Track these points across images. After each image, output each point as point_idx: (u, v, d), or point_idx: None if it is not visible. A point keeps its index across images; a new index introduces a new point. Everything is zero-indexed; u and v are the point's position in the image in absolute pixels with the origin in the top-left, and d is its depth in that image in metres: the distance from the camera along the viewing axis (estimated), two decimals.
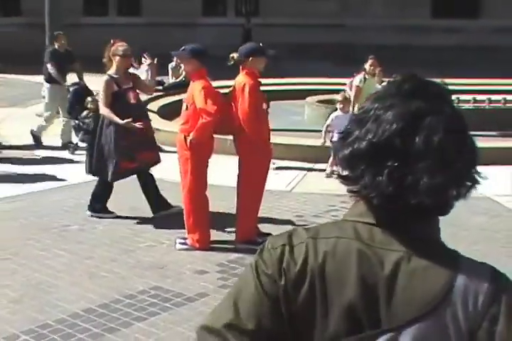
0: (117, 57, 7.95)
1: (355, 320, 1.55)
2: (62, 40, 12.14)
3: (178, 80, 16.40)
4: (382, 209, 1.57)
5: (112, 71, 8.00)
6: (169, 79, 17.08)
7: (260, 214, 7.50)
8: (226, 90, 7.97)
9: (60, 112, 12.05)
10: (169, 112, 13.18)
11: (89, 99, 11.67)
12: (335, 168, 9.06)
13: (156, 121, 11.63)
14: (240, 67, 7.31)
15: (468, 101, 13.08)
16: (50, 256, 6.95)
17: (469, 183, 1.55)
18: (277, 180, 9.15)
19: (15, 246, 7.23)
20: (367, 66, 10.94)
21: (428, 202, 1.50)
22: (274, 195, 8.66)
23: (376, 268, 1.55)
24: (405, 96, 1.57)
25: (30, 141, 12.18)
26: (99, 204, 8.10)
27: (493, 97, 13.72)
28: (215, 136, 7.42)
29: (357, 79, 10.84)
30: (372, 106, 1.59)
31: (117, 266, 6.72)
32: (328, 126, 10.31)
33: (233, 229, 7.40)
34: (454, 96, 1.71)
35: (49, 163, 11.10)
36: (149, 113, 11.77)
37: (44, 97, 12.36)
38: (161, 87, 16.18)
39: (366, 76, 10.77)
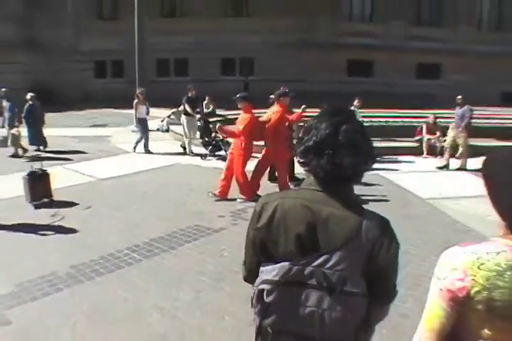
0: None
1: (303, 246, 1.56)
2: (192, 90, 11.57)
3: (208, 111, 16.25)
4: (323, 180, 1.59)
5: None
6: (203, 110, 16.79)
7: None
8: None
9: (190, 133, 11.32)
10: None
11: (210, 125, 11.14)
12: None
13: None
14: (275, 102, 7.51)
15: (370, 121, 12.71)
16: (137, 208, 6.88)
17: (372, 162, 1.61)
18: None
19: (117, 202, 7.17)
20: (355, 102, 10.81)
21: (349, 174, 1.55)
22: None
23: (316, 216, 1.56)
24: (332, 114, 1.63)
25: (131, 146, 11.74)
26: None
27: (381, 120, 13.63)
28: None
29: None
30: (314, 122, 1.63)
31: (175, 213, 6.67)
32: None
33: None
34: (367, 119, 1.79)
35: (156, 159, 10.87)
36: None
37: (182, 124, 11.57)
38: (199, 115, 16.02)
39: (354, 108, 10.57)
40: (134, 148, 11.33)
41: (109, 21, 22.87)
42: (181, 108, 11.84)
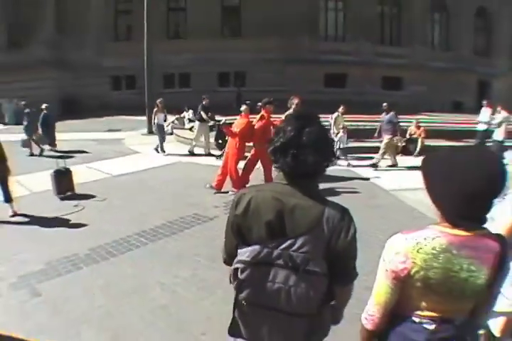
0: (293, 105, 7.75)
1: (272, 231, 1.50)
2: (206, 100, 11.02)
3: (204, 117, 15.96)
4: (289, 175, 1.53)
5: (290, 111, 7.52)
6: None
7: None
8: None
9: (198, 137, 10.90)
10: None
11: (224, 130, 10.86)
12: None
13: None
14: (262, 109, 7.23)
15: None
16: (144, 200, 6.79)
17: (332, 160, 1.54)
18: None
19: (128, 195, 7.06)
20: (340, 109, 10.43)
21: (311, 170, 1.50)
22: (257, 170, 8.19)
23: (284, 205, 1.51)
24: (296, 119, 1.56)
25: (141, 147, 11.75)
26: None
27: (353, 123, 13.38)
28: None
29: (335, 115, 10.30)
30: (282, 125, 1.57)
31: (176, 204, 6.59)
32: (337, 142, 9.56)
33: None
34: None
35: (159, 159, 10.68)
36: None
37: (195, 129, 11.16)
38: (213, 121, 15.60)
39: (339, 114, 10.36)
40: (163, 151, 10.90)
41: (123, 43, 22.84)
42: (183, 114, 11.65)
